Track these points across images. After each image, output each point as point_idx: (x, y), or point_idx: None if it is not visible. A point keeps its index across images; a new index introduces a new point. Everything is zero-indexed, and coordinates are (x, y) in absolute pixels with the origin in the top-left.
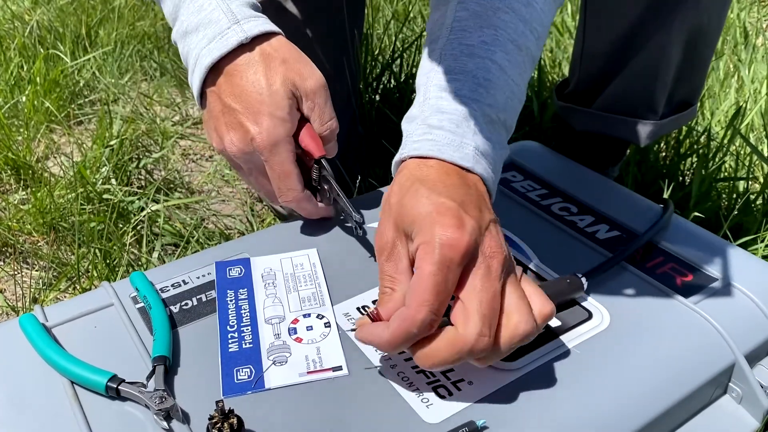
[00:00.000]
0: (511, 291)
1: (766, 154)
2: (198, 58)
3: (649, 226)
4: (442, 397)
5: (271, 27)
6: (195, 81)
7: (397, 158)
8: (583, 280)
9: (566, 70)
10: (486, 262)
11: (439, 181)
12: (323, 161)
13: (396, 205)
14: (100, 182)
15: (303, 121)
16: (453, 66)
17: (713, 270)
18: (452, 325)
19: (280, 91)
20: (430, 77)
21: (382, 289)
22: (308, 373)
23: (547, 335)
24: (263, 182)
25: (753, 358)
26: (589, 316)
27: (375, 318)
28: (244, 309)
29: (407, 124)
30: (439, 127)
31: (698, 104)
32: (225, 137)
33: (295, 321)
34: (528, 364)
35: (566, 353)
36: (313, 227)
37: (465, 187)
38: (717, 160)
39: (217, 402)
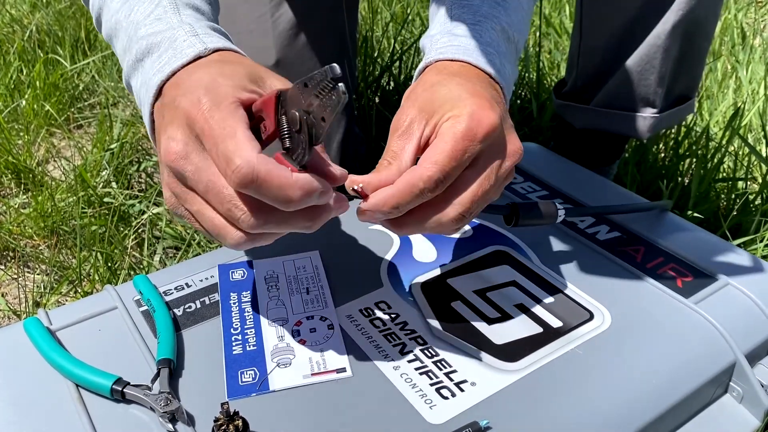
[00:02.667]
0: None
1: (764, 155)
2: (149, 82)
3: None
4: (445, 398)
5: (231, 45)
6: (145, 110)
7: (421, 66)
8: (560, 210)
9: (565, 72)
10: (500, 157)
11: (473, 75)
12: (283, 96)
13: (424, 92)
14: (100, 186)
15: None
16: None
17: (713, 270)
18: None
19: (237, 69)
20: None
21: (380, 162)
22: (312, 375)
23: (549, 336)
24: (216, 191)
25: (753, 357)
26: (591, 316)
27: (361, 193)
28: (248, 311)
29: (427, 39)
30: (464, 36)
31: (696, 98)
32: (162, 141)
33: (299, 323)
34: (530, 364)
35: (568, 354)
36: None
37: (493, 89)
38: (716, 160)
39: (222, 404)
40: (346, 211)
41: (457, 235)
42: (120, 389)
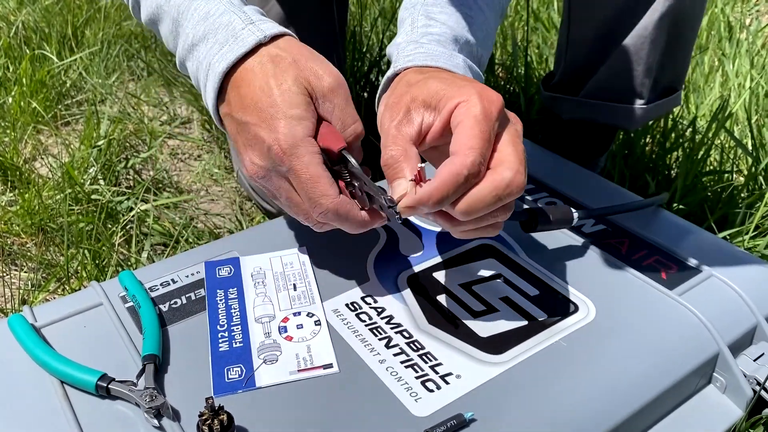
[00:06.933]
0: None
1: (750, 147)
2: (210, 67)
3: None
4: (430, 391)
5: (283, 29)
6: (209, 97)
7: (389, 73)
8: (575, 213)
9: (553, 66)
10: (514, 126)
11: (455, 74)
12: (347, 155)
13: (411, 88)
14: (88, 183)
15: (321, 123)
16: (439, 0)
17: (697, 262)
18: None
19: (292, 89)
20: (416, 8)
21: (389, 155)
22: (299, 371)
23: (534, 328)
24: (297, 200)
25: (736, 348)
26: (576, 309)
27: (417, 177)
28: (234, 308)
29: (394, 48)
30: (430, 44)
31: (683, 90)
32: (245, 160)
33: (286, 319)
34: (515, 356)
35: (553, 346)
36: (303, 225)
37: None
38: (702, 153)
39: (207, 399)
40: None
41: (441, 229)
42: (105, 385)
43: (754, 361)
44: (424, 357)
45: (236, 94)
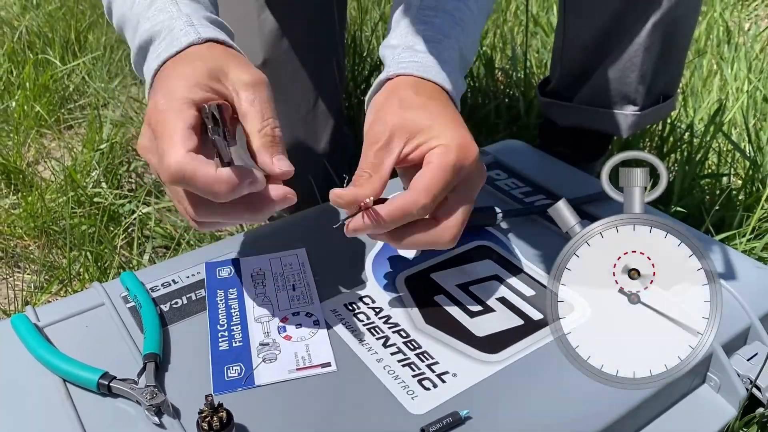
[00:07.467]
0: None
1: (747, 151)
2: (149, 67)
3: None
4: (427, 389)
5: (226, 38)
6: (147, 94)
7: (382, 77)
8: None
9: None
10: (479, 180)
11: (446, 102)
12: (214, 111)
13: (401, 110)
14: (90, 186)
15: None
16: (433, 3)
17: None
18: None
19: (199, 66)
20: (410, 11)
21: (360, 173)
22: (297, 369)
23: (530, 328)
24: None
25: (730, 348)
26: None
27: (364, 206)
28: (234, 308)
29: (388, 50)
30: (425, 52)
31: (678, 96)
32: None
33: (285, 319)
34: (511, 355)
35: (548, 345)
36: (302, 227)
37: (457, 112)
38: (700, 156)
39: (206, 396)
40: (293, 203)
41: None
42: (106, 383)
43: (748, 360)
44: (421, 356)
45: (160, 79)
